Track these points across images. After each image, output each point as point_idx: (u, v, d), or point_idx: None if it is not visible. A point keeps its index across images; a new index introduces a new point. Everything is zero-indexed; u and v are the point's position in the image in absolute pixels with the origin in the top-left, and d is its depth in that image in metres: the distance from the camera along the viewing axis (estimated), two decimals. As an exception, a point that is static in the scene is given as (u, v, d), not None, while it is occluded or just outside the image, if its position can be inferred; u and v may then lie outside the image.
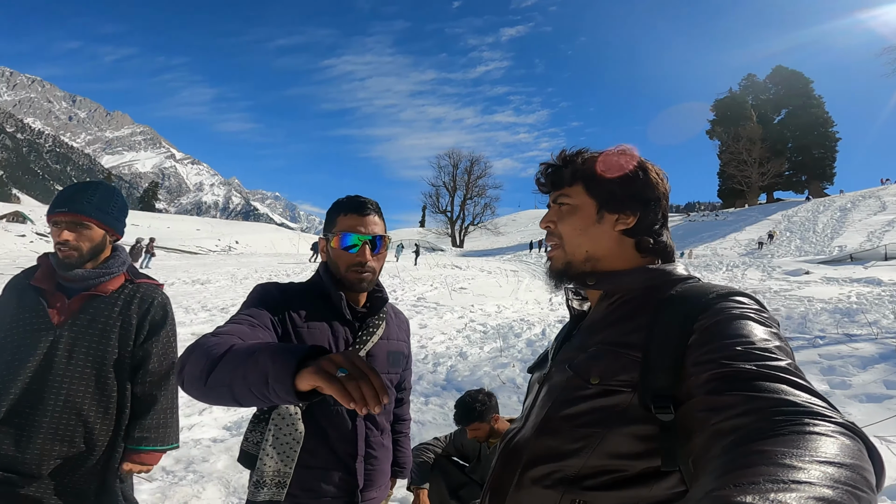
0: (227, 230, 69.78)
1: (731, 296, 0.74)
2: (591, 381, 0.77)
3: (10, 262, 21.76)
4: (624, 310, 0.83)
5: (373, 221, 1.37)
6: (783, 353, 0.63)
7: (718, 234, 42.25)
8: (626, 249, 0.89)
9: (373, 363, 1.37)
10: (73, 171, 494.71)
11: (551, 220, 0.94)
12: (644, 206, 0.88)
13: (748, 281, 15.25)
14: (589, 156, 0.93)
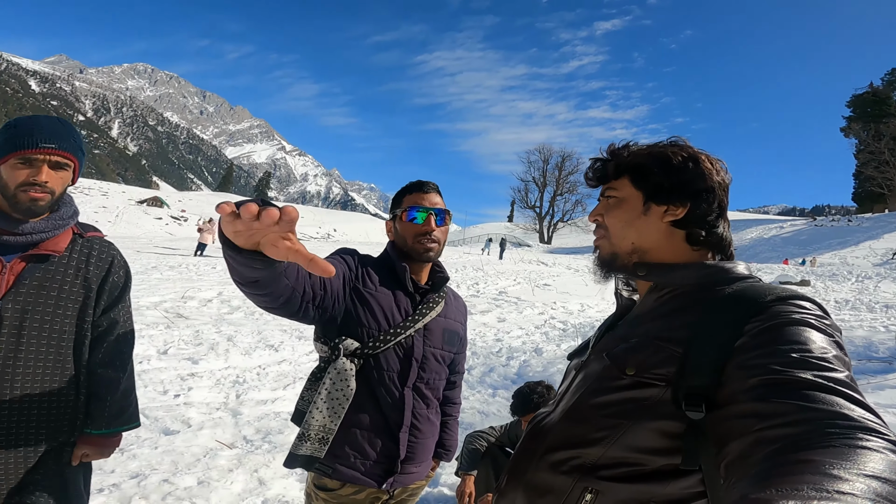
0: (327, 219, 74.31)
1: (791, 299, 0.70)
2: (626, 371, 0.76)
3: (147, 241, 24.90)
4: (673, 304, 0.81)
5: (434, 198, 1.46)
6: (841, 364, 0.60)
7: (850, 242, 37.57)
8: (677, 241, 0.86)
9: (429, 337, 1.43)
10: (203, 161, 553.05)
11: (599, 213, 0.93)
12: (694, 197, 0.84)
13: (881, 294, 13.37)
14: (635, 149, 0.91)
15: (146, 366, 5.07)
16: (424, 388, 1.42)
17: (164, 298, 8.69)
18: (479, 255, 26.13)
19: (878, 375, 4.96)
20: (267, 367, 5.43)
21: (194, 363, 5.31)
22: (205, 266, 14.59)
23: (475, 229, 67.35)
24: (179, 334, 6.34)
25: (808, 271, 20.33)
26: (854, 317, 9.71)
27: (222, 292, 9.81)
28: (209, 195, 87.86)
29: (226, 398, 4.55)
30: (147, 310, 7.69)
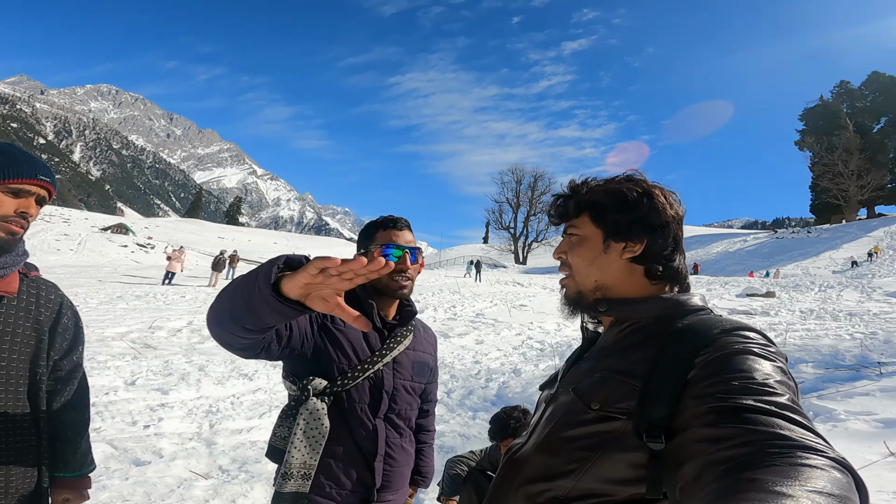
0: (300, 244, 73.59)
1: (735, 330, 0.74)
2: (592, 406, 0.78)
3: (112, 269, 24.14)
4: (633, 338, 0.84)
5: (407, 235, 1.48)
6: (784, 388, 0.63)
7: (811, 252, 39.08)
8: (636, 277, 0.89)
9: (398, 370, 1.46)
10: (171, 186, 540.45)
11: (563, 250, 0.96)
12: (651, 232, 0.88)
13: (844, 303, 13.90)
14: (594, 185, 0.94)
15: (113, 397, 4.91)
16: (396, 419, 1.45)
17: (131, 329, 8.43)
18: (455, 278, 26.14)
19: (846, 383, 5.10)
20: (241, 397, 5.30)
21: (164, 394, 5.16)
22: (173, 295, 14.22)
23: (451, 252, 67.49)
24: (148, 365, 6.16)
25: (772, 283, 20.99)
26: (819, 326, 10.04)
27: (192, 321, 9.55)
28: (177, 221, 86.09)
29: (199, 428, 4.42)
30: (113, 340, 7.45)
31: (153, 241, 46.70)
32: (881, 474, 3.07)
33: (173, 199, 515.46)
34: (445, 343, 8.63)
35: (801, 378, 5.62)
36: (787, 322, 10.78)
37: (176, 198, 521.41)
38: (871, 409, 4.25)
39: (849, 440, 3.65)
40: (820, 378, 5.52)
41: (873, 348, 7.08)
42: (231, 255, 23.00)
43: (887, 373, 5.39)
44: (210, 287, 17.47)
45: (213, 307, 0.97)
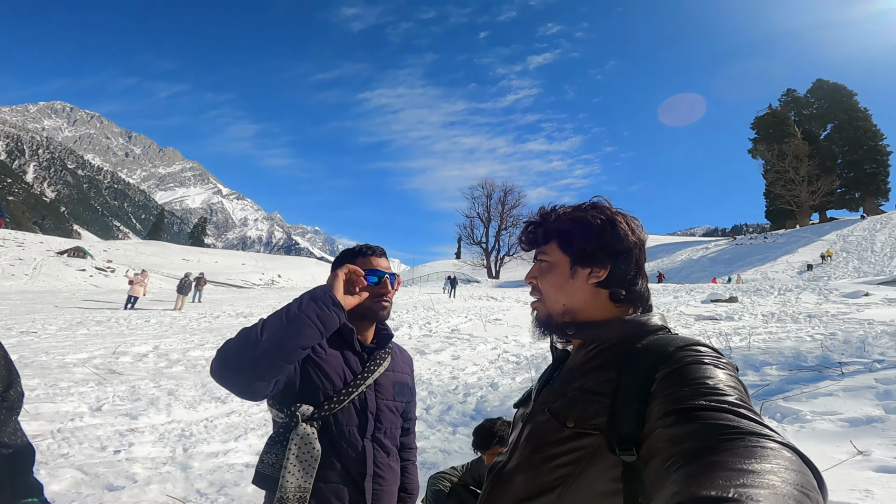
0: (270, 264, 72.14)
1: (688, 346, 0.80)
2: (567, 424, 0.84)
3: (70, 294, 23.16)
4: (599, 359, 0.89)
5: (385, 262, 1.57)
6: (733, 390, 0.69)
7: (769, 257, 40.61)
8: (602, 300, 0.95)
9: (380, 391, 1.52)
10: (130, 208, 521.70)
11: (533, 275, 1.02)
12: (614, 258, 0.94)
13: (803, 305, 14.46)
14: (561, 212, 1.00)
15: (79, 423, 4.78)
16: (383, 438, 1.50)
17: (93, 355, 8.18)
18: (429, 294, 26.09)
19: (809, 384, 5.29)
20: (215, 420, 5.19)
21: (133, 419, 5.03)
22: (137, 320, 13.81)
23: (424, 268, 67.34)
24: (114, 390, 6.00)
25: (735, 288, 21.70)
26: (781, 328, 10.42)
27: (158, 346, 9.28)
28: (138, 243, 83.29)
29: (172, 452, 4.31)
30: (74, 367, 7.23)
31: (113, 265, 45.03)
32: (851, 473, 3.19)
33: (133, 220, 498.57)
34: (422, 360, 8.59)
35: (766, 380, 5.82)
36: (750, 326, 11.16)
37: (136, 219, 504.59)
38: (835, 408, 4.43)
39: (817, 440, 3.79)
40: (784, 380, 5.72)
41: (833, 349, 7.38)
42: (197, 277, 22.39)
43: (848, 372, 5.62)
44: (176, 311, 16.95)
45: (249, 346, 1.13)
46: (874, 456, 3.36)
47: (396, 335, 11.51)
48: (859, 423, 4.04)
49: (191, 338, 10.64)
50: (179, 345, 9.64)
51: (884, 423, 3.94)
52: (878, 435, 3.74)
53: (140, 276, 18.63)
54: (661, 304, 18.05)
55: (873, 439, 3.67)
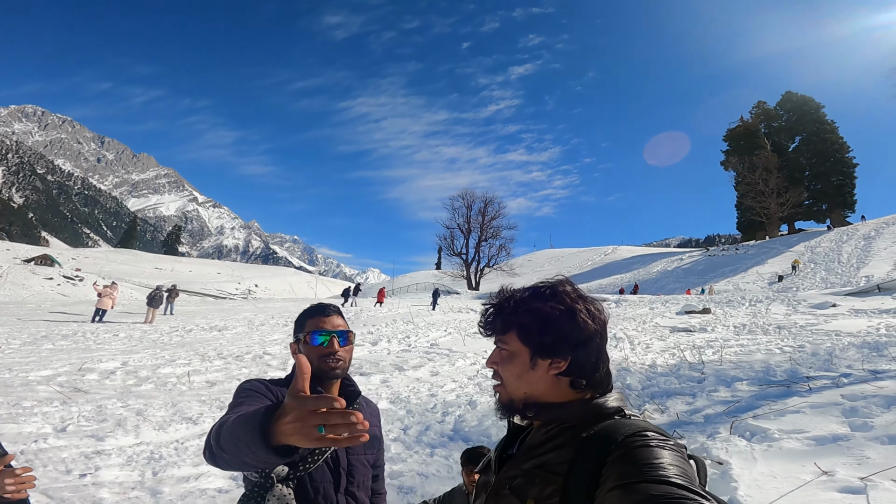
0: (246, 273, 70.94)
1: (638, 432, 0.84)
2: (526, 502, 0.88)
3: (37, 305, 22.36)
4: (558, 439, 0.92)
5: (335, 320, 1.59)
6: (676, 467, 0.75)
7: (740, 269, 41.55)
8: (562, 388, 0.97)
9: (350, 448, 1.54)
10: (101, 214, 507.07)
11: (494, 361, 1.03)
12: (574, 349, 0.95)
13: (772, 316, 14.84)
14: (520, 299, 1.01)
15: (42, 444, 4.61)
16: (356, 491, 1.54)
17: (58, 372, 7.93)
18: (411, 307, 25.97)
19: (778, 401, 5.42)
20: (186, 442, 5.04)
21: (99, 440, 4.87)
22: (105, 333, 13.39)
23: (404, 279, 67.05)
24: (79, 410, 5.81)
25: (708, 299, 22.16)
26: (752, 341, 10.67)
27: (127, 362, 9.03)
28: (108, 251, 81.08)
29: (141, 476, 4.19)
30: (38, 385, 6.99)
31: (81, 273, 43.69)
32: (815, 494, 3.27)
33: (104, 227, 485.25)
34: (400, 376, 8.54)
35: (737, 396, 5.95)
36: (722, 338, 11.40)
37: (107, 226, 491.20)
38: (802, 426, 4.54)
39: (783, 460, 3.88)
40: (755, 396, 5.86)
41: (802, 362, 7.60)
42: (169, 289, 21.78)
43: (815, 388, 5.78)
44: (147, 324, 16.51)
45: (220, 458, 1.04)
46: (838, 476, 3.46)
47: (376, 349, 11.45)
48: (825, 441, 4.15)
49: (161, 353, 10.37)
50: (149, 361, 9.39)
51: (849, 442, 4.06)
52: (843, 454, 3.85)
53: (109, 288, 18.07)
54: (637, 315, 18.33)
55: (838, 458, 3.78)
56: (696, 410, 5.66)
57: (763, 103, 67.75)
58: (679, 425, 5.17)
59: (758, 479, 3.59)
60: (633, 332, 13.75)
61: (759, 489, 3.42)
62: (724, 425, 4.90)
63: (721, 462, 3.91)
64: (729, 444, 4.28)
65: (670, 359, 9.25)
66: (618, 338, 12.70)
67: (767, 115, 66.43)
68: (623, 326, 14.97)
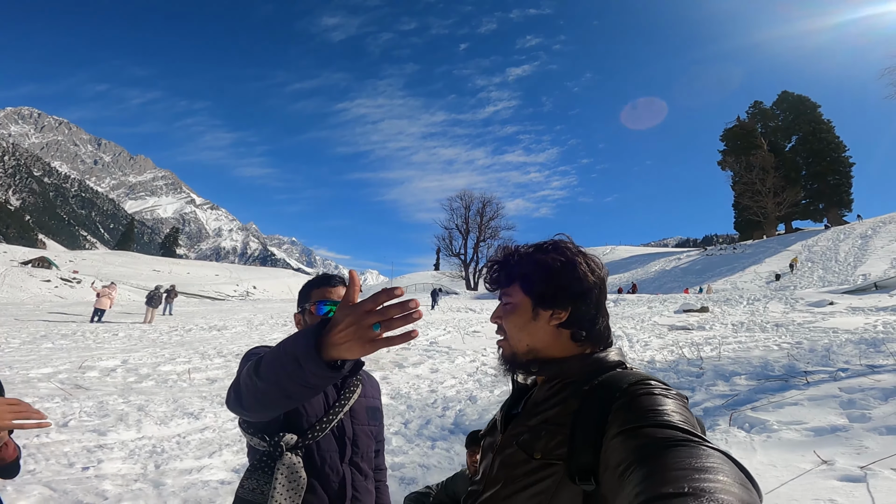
0: (245, 275, 70.82)
1: (640, 381, 0.86)
2: (534, 455, 0.89)
3: (35, 307, 22.32)
4: (562, 394, 0.94)
5: (341, 291, 1.57)
6: (678, 413, 0.76)
7: (738, 268, 41.68)
8: (563, 340, 1.00)
9: (355, 417, 1.57)
10: (98, 217, 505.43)
11: (498, 315, 1.06)
12: (574, 300, 0.98)
13: (770, 314, 14.90)
14: (523, 253, 1.04)
15: (45, 439, 4.65)
16: (360, 462, 1.55)
17: (58, 369, 7.95)
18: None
19: (776, 394, 5.45)
20: (188, 436, 5.08)
21: (101, 435, 4.91)
22: (104, 333, 13.44)
23: (403, 279, 67.07)
24: (80, 406, 5.85)
25: (706, 298, 22.22)
26: (750, 338, 10.71)
27: (127, 360, 9.06)
28: (106, 254, 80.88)
29: (143, 469, 4.23)
30: (39, 382, 7.04)
31: (79, 276, 43.57)
32: (815, 482, 3.29)
33: (101, 230, 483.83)
34: (400, 373, 8.56)
35: (735, 390, 5.98)
36: (720, 336, 11.45)
37: (104, 229, 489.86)
38: (800, 418, 4.58)
39: (782, 450, 3.91)
40: (753, 389, 5.89)
41: (799, 357, 7.64)
42: (168, 289, 21.80)
43: (813, 381, 5.82)
44: (146, 324, 16.52)
45: (252, 393, 0.98)
46: (838, 465, 3.49)
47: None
48: (823, 432, 4.18)
49: (161, 352, 10.39)
50: (149, 359, 9.41)
51: (847, 433, 4.09)
52: (842, 444, 3.88)
53: (107, 288, 18.08)
54: (636, 313, 18.37)
55: (837, 448, 3.81)
56: (695, 404, 5.69)
57: (759, 103, 67.95)
58: (678, 418, 5.21)
59: (758, 468, 3.61)
60: (632, 330, 13.79)
61: (759, 478, 3.45)
62: (723, 417, 4.93)
63: (721, 452, 3.94)
64: (728, 435, 4.32)
65: (669, 355, 9.29)
66: (616, 336, 12.73)
67: (764, 114, 66.62)
68: (622, 325, 15.01)
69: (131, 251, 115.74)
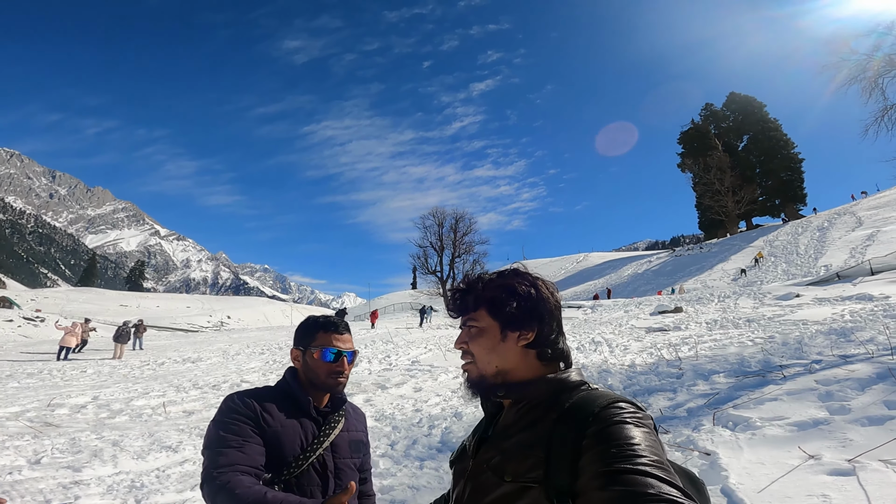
0: (217, 306, 69.08)
1: (612, 404, 0.89)
2: (505, 478, 0.90)
3: (-5, 352, 21.28)
4: (531, 416, 0.97)
5: (347, 338, 1.66)
6: (650, 451, 0.79)
7: (706, 267, 42.80)
8: (530, 360, 1.03)
9: (337, 451, 1.60)
10: (58, 253, 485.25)
11: (464, 341, 1.08)
12: (540, 320, 1.03)
13: (741, 310, 15.28)
14: (488, 280, 1.09)
15: (17, 476, 4.52)
16: None
17: (27, 408, 7.73)
18: (386, 328, 25.74)
19: (755, 390, 5.55)
20: (167, 469, 4.90)
21: (76, 471, 4.73)
22: (72, 370, 13.07)
23: (381, 300, 66.55)
24: (52, 443, 5.67)
25: (678, 298, 22.71)
26: (724, 335, 10.95)
27: (98, 396, 8.82)
28: (69, 291, 77.77)
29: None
30: (7, 421, 6.82)
31: (42, 314, 41.80)
32: (806, 478, 3.33)
33: (62, 266, 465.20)
34: (383, 395, 8.41)
35: (716, 388, 6.06)
36: (696, 335, 11.66)
37: (65, 265, 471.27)
38: (781, 413, 4.65)
39: (769, 447, 3.96)
40: (732, 387, 5.98)
41: (773, 352, 7.82)
42: (136, 324, 21.37)
43: (789, 375, 5.94)
44: (115, 360, 16.03)
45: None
46: (825, 459, 3.54)
47: (356, 370, 11.26)
48: (806, 426, 4.25)
49: (133, 386, 10.06)
50: (121, 394, 9.12)
51: (830, 425, 4.16)
52: (826, 437, 3.95)
53: (73, 326, 17.58)
54: (613, 318, 18.60)
55: (822, 442, 3.87)
56: (678, 405, 5.74)
57: (711, 105, 70.26)
58: (663, 420, 5.23)
59: (746, 466, 3.65)
60: (611, 335, 13.95)
61: (749, 476, 3.48)
62: (707, 417, 4.98)
63: (708, 453, 3.97)
64: (714, 435, 4.35)
65: (648, 358, 9.40)
66: (596, 342, 12.85)
67: (716, 116, 68.87)
68: (601, 331, 15.17)
69: (96, 287, 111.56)
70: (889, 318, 9.65)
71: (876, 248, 29.08)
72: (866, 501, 2.92)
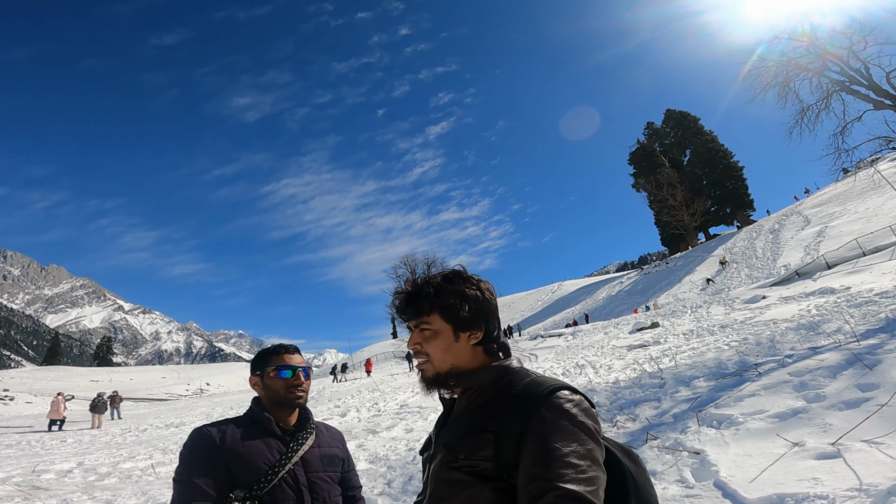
0: (194, 374, 66.47)
1: (555, 391, 1.01)
2: (458, 456, 1.03)
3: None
4: (479, 401, 1.10)
5: (299, 358, 1.81)
6: (582, 460, 0.91)
7: (674, 280, 43.73)
8: (479, 355, 1.17)
9: (307, 466, 1.68)
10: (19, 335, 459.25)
11: (417, 342, 1.19)
12: (486, 320, 1.17)
13: (714, 318, 15.66)
14: (438, 285, 1.18)
15: None
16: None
17: (10, 475, 7.46)
18: (371, 377, 25.35)
19: (734, 389, 5.76)
20: (167, 524, 4.72)
21: None
22: (51, 440, 12.76)
23: (363, 353, 65.14)
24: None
25: (654, 314, 23.13)
26: (701, 343, 11.25)
27: (83, 462, 8.61)
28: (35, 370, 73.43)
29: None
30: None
31: (11, 393, 39.86)
32: (794, 464, 3.47)
33: (25, 348, 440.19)
34: (375, 439, 8.29)
35: (697, 392, 6.25)
36: (675, 346, 11.94)
37: (28, 346, 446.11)
38: (760, 407, 4.85)
39: (753, 439, 4.12)
40: (713, 389, 6.18)
41: (748, 352, 8.10)
42: (111, 395, 20.84)
43: (764, 371, 6.19)
44: (95, 429, 15.68)
45: None
46: (809, 445, 3.69)
47: (345, 420, 11.03)
48: (786, 416, 4.43)
49: (118, 452, 9.77)
50: (107, 459, 8.82)
51: (808, 413, 4.35)
52: (806, 425, 4.12)
53: (58, 398, 16.95)
54: (594, 341, 18.82)
55: (803, 430, 4.04)
56: (664, 412, 5.88)
57: (652, 123, 72.04)
58: (651, 428, 5.35)
59: (735, 460, 3.79)
60: (594, 357, 14.11)
61: (739, 469, 3.61)
62: (692, 419, 5.13)
63: (697, 452, 4.10)
64: (700, 435, 4.50)
65: (632, 373, 9.56)
66: (580, 365, 12.99)
67: (658, 134, 70.62)
68: (584, 354, 15.33)
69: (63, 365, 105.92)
70: (853, 308, 10.05)
71: (828, 243, 30.19)
72: (857, 481, 3.01)
